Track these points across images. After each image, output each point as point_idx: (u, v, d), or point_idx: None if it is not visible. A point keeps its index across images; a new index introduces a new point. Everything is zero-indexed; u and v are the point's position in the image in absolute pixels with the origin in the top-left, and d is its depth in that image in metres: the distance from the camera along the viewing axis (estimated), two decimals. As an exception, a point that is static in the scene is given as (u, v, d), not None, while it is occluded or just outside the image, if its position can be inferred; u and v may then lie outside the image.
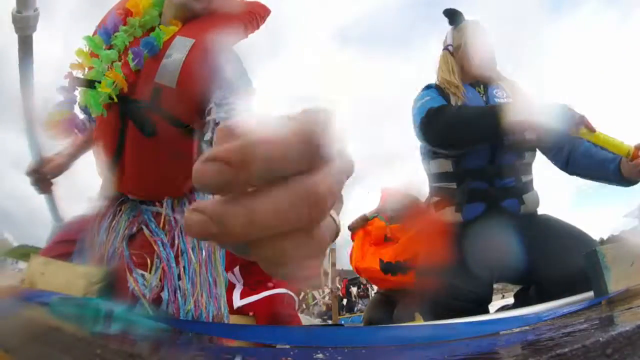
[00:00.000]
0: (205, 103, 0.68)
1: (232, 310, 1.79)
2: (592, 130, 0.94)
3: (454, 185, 1.14)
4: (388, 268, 1.95)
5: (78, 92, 0.75)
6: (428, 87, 1.23)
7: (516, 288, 1.26)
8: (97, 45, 0.74)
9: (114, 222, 0.82)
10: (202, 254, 0.82)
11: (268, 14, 0.83)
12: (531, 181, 1.17)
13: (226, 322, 0.85)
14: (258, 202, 0.15)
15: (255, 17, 0.82)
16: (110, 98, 0.69)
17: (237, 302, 1.80)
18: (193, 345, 0.59)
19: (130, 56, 0.71)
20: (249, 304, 1.78)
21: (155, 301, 0.73)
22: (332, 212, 0.24)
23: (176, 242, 0.78)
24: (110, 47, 0.74)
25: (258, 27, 0.83)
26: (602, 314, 0.58)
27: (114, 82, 0.69)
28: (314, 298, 6.01)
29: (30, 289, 0.54)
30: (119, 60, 0.72)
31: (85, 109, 0.75)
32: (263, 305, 1.75)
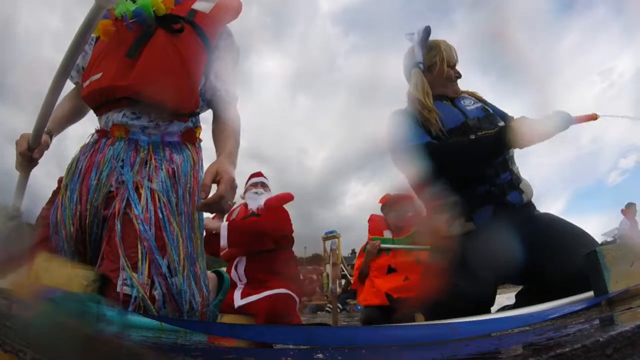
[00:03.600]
0: (219, 39, 0.97)
1: (233, 310, 1.79)
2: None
3: (457, 197, 1.14)
4: (397, 304, 1.98)
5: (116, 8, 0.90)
6: (402, 113, 1.25)
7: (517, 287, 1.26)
8: None
9: (95, 179, 0.85)
10: (181, 217, 0.85)
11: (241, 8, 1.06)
12: (519, 170, 1.20)
13: (208, 294, 0.89)
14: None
15: (239, 6, 1.05)
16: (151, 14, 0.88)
17: (238, 301, 1.81)
18: (193, 345, 0.59)
19: None
20: (250, 303, 1.79)
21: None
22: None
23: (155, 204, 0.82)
24: None
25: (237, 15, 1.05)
26: (602, 314, 0.58)
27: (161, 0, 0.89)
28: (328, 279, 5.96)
29: (47, 287, 0.54)
30: None
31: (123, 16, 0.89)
32: (263, 305, 1.75)
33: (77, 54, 0.80)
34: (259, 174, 2.28)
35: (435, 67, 1.26)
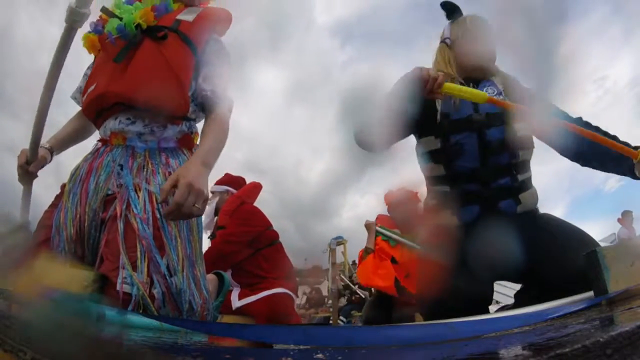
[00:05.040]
0: (206, 45, 0.99)
1: (231, 311, 1.78)
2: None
3: (447, 189, 1.12)
4: (402, 294, 1.97)
5: (105, 23, 0.95)
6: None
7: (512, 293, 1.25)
8: (120, 4, 0.98)
9: (93, 183, 0.87)
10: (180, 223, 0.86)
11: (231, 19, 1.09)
12: (529, 179, 1.14)
13: (208, 296, 0.89)
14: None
15: (227, 16, 1.08)
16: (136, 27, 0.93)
17: (236, 302, 1.79)
18: (193, 345, 0.59)
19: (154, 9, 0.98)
20: (248, 304, 1.78)
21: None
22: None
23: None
24: None
25: (228, 25, 1.09)
26: (602, 314, 0.58)
27: (140, 16, 0.93)
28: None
29: (47, 287, 0.54)
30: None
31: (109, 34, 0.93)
32: (262, 306, 1.74)
33: (57, 74, 0.88)
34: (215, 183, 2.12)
35: (456, 41, 1.18)
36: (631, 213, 4.71)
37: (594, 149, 1.03)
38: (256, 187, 2.09)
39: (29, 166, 0.99)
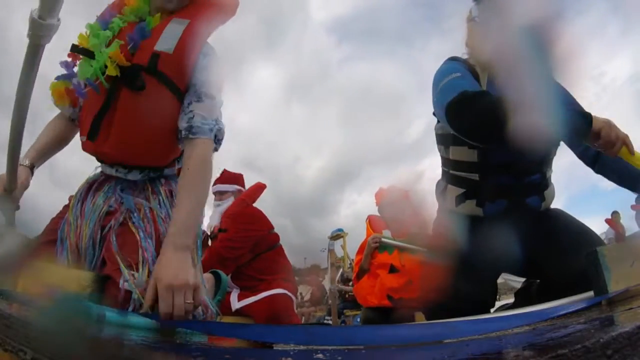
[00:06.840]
0: (192, 72, 0.85)
1: (231, 312, 1.78)
2: (631, 152, 0.92)
3: (476, 177, 1.07)
4: (398, 305, 1.95)
5: (77, 68, 0.86)
6: (454, 59, 1.12)
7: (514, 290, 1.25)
8: (94, 28, 0.86)
9: (91, 203, 0.87)
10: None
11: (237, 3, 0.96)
12: (550, 176, 1.13)
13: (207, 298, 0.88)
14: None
15: (226, 5, 0.95)
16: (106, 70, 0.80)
17: (235, 304, 1.79)
18: (193, 345, 0.59)
19: (127, 39, 0.84)
20: (248, 305, 1.78)
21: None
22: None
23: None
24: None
25: (233, 14, 0.95)
26: (602, 314, 0.58)
27: (110, 57, 0.80)
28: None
29: (48, 288, 0.54)
30: (114, 39, 0.84)
31: (83, 83, 0.84)
32: (262, 306, 1.74)
33: (26, 102, 0.72)
34: (215, 182, 2.06)
35: (487, 18, 1.09)
36: (619, 214, 4.81)
37: (614, 164, 1.02)
38: (260, 188, 2.07)
39: (7, 194, 0.85)
